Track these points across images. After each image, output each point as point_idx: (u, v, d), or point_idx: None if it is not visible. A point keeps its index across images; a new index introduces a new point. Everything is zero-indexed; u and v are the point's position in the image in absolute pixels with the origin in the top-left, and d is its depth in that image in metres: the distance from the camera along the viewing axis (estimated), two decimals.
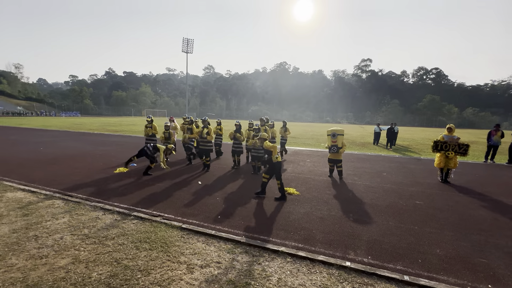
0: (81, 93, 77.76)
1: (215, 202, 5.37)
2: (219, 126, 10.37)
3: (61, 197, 5.45)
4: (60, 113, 62.75)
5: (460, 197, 6.18)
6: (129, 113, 73.04)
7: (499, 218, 4.93)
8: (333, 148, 7.44)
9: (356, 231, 4.21)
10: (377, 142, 16.90)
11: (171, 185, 6.55)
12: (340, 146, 7.42)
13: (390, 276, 3.03)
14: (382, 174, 8.36)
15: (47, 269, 3.04)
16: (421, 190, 6.64)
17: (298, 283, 2.92)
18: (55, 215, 4.56)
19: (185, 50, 57.94)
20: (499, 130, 11.06)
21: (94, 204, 5.08)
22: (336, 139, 7.42)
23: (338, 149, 7.40)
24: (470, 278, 3.05)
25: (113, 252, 3.41)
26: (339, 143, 7.42)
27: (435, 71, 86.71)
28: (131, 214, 4.66)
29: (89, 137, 17.54)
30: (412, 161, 11.11)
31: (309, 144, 16.33)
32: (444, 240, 3.97)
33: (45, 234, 3.87)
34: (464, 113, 69.17)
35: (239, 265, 3.22)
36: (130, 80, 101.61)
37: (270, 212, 4.93)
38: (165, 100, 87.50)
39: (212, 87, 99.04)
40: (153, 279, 2.91)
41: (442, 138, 7.44)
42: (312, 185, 6.85)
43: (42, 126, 26.68)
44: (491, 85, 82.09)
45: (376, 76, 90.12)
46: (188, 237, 3.92)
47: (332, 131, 7.52)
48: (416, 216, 4.88)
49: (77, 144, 13.66)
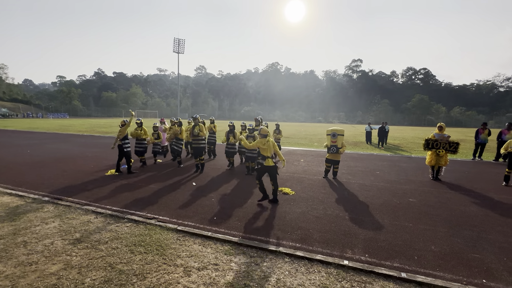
0: (69, 94, 75.92)
1: (210, 203, 5.30)
2: (213, 124, 10.34)
3: (51, 201, 5.27)
4: (48, 115, 61.05)
5: (451, 194, 6.31)
6: (120, 115, 71.77)
7: (489, 213, 5.05)
8: (333, 148, 7.36)
9: (353, 229, 4.23)
10: (370, 141, 17.13)
11: (164, 187, 6.44)
12: (340, 147, 7.37)
13: (388, 273, 3.05)
14: (375, 172, 8.46)
15: (37, 276, 2.92)
16: (413, 187, 6.75)
17: (297, 283, 2.90)
18: (44, 219, 4.41)
19: (176, 50, 57.40)
20: (486, 128, 11.38)
21: (86, 208, 4.94)
22: (336, 139, 7.35)
23: (337, 149, 7.35)
24: (465, 274, 3.10)
25: (106, 257, 3.31)
26: (339, 144, 7.36)
27: (423, 71, 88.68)
28: (124, 217, 4.55)
29: (78, 139, 17.12)
30: (404, 159, 11.30)
31: (302, 143, 16.40)
32: (438, 237, 4.03)
33: (34, 239, 3.73)
34: (451, 112, 70.95)
35: (237, 267, 3.18)
36: (120, 81, 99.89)
37: (266, 212, 4.91)
38: (156, 101, 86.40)
39: (204, 88, 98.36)
40: (149, 283, 2.83)
41: (433, 136, 7.58)
42: (307, 184, 6.86)
43: (29, 128, 25.89)
44: (477, 84, 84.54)
45: (367, 76, 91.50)
46: (184, 239, 3.85)
47: (332, 131, 7.42)
48: (410, 214, 4.95)
49: (66, 146, 13.31)
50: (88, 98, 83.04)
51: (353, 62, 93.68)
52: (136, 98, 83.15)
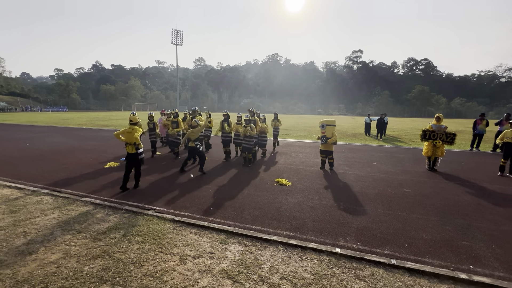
0: (67, 87, 75.30)
1: (207, 194, 5.38)
2: (209, 118, 10.29)
3: (50, 193, 5.35)
4: (46, 108, 60.80)
5: (446, 184, 6.38)
6: (119, 108, 71.53)
7: (482, 203, 5.13)
8: (323, 138, 7.51)
9: (346, 219, 4.31)
10: (369, 133, 17.14)
11: (161, 178, 6.51)
12: (330, 137, 7.46)
13: (378, 260, 3.14)
14: (372, 163, 8.52)
15: (37, 264, 3.01)
16: (409, 178, 6.82)
17: (290, 270, 2.98)
18: (44, 211, 4.48)
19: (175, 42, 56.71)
20: (484, 119, 11.39)
21: (84, 199, 5.01)
22: (325, 129, 7.49)
23: (327, 139, 7.46)
24: (453, 260, 3.19)
25: (105, 246, 3.40)
26: (328, 134, 7.46)
27: (424, 62, 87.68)
28: (123, 208, 4.63)
29: (77, 132, 17.14)
30: (401, 150, 11.34)
31: (301, 135, 16.43)
32: (429, 225, 4.11)
33: (34, 230, 3.82)
34: (452, 103, 70.55)
35: (231, 255, 3.26)
36: (119, 74, 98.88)
37: (262, 202, 4.98)
38: (155, 94, 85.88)
39: (203, 80, 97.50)
40: (146, 270, 2.92)
41: (430, 127, 7.60)
42: (303, 175, 6.93)
43: (28, 121, 25.87)
44: (478, 75, 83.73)
45: (367, 67, 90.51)
46: (180, 229, 3.93)
47: (321, 122, 7.62)
48: (404, 203, 5.02)
49: (65, 140, 13.34)
50: (86, 91, 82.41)
51: (354, 53, 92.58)
52: (135, 91, 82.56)
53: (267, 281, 2.79)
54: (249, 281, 2.78)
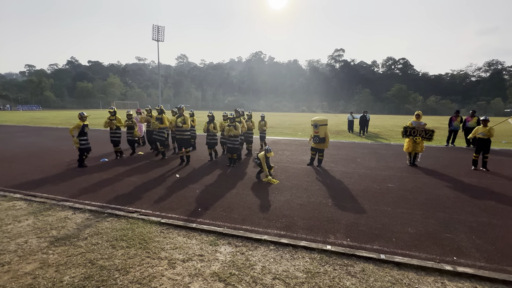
0: (40, 84, 71.08)
1: (194, 195, 5.24)
2: (192, 117, 9.99)
3: (23, 198, 4.99)
4: (17, 107, 57.03)
5: (426, 178, 6.64)
6: (97, 106, 68.49)
7: (460, 196, 5.38)
8: (315, 138, 7.49)
9: (335, 215, 4.36)
10: (352, 130, 17.56)
11: (146, 179, 6.28)
12: (323, 137, 7.42)
13: (368, 256, 3.18)
14: (356, 160, 8.71)
15: (11, 276, 2.77)
16: (392, 173, 7.03)
17: (282, 269, 2.96)
18: (16, 217, 4.17)
19: (156, 38, 54.97)
20: (458, 116, 11.99)
21: (62, 204, 4.72)
22: (318, 129, 7.45)
23: (320, 139, 7.46)
24: (438, 252, 3.30)
25: (86, 253, 3.20)
26: (321, 134, 7.45)
27: (402, 61, 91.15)
28: (105, 211, 4.40)
29: (52, 132, 16.20)
30: (383, 146, 11.71)
31: (286, 133, 16.53)
32: (414, 219, 4.24)
33: (6, 238, 3.53)
34: (427, 101, 73.98)
35: (222, 257, 3.19)
36: (96, 70, 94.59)
37: (251, 201, 4.93)
38: (137, 92, 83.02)
39: (186, 77, 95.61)
40: (132, 277, 2.78)
41: (410, 124, 7.88)
42: (291, 173, 6.95)
43: None
44: (451, 74, 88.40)
45: (349, 66, 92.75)
46: (168, 232, 3.79)
47: (314, 122, 7.54)
48: (389, 198, 5.16)
49: (39, 140, 12.56)
50: (61, 88, 78.08)
51: (336, 51, 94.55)
52: (114, 89, 79.37)
53: (259, 282, 2.74)
54: (242, 283, 2.72)
